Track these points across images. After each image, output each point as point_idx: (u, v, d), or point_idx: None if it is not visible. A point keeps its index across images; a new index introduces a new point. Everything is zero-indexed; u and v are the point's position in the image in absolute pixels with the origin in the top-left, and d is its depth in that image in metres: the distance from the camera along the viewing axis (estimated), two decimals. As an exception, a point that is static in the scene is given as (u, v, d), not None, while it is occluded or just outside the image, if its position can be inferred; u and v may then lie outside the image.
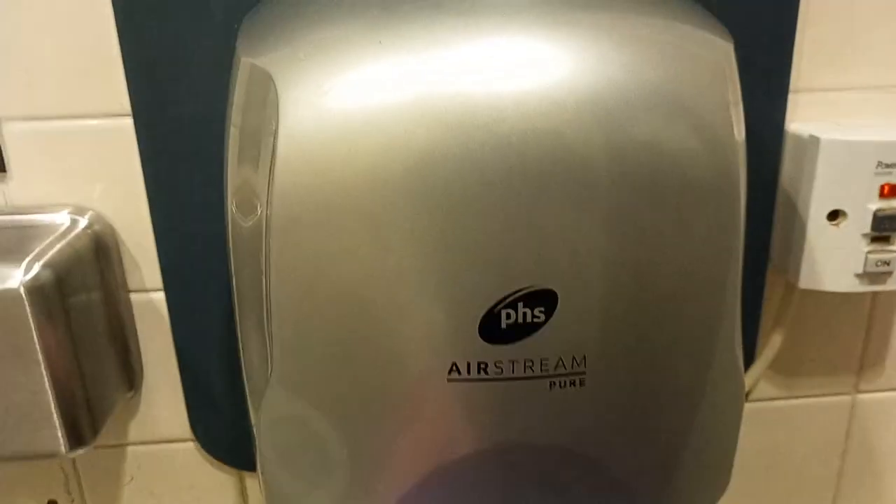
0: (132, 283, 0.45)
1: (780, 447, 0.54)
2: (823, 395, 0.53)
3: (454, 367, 0.31)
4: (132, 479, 0.50)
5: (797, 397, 0.52)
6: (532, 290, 0.30)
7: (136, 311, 0.46)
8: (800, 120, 0.46)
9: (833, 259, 0.45)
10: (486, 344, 0.30)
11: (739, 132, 0.33)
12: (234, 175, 0.33)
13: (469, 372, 0.31)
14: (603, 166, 0.30)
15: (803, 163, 0.45)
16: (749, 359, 0.50)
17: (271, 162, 0.30)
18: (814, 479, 0.55)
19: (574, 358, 0.31)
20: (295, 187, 0.29)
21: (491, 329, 0.30)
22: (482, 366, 0.31)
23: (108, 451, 0.49)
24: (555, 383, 0.32)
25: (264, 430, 0.34)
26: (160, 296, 0.45)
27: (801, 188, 0.45)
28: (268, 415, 0.33)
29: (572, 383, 0.32)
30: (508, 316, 0.30)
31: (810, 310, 0.50)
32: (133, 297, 0.45)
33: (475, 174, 0.29)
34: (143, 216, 0.44)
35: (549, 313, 0.30)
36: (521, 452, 0.33)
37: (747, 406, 0.52)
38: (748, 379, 0.50)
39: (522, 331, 0.30)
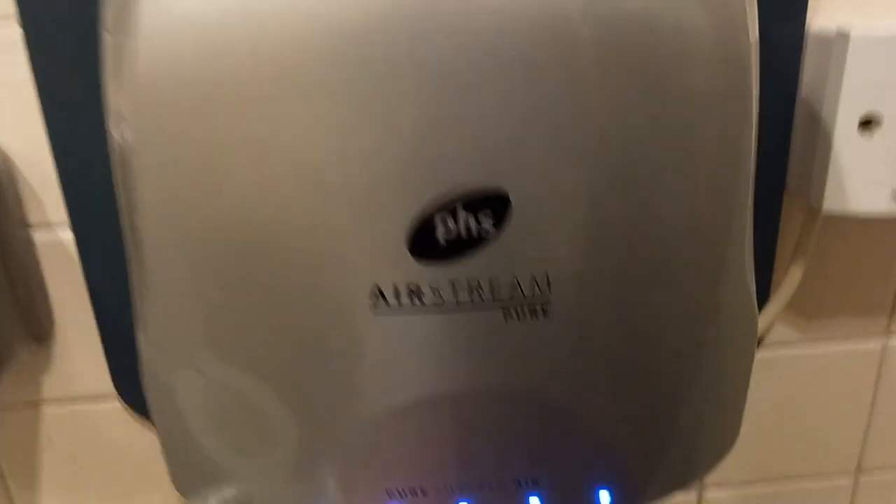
0: (33, 217, 0.38)
1: (800, 399, 0.47)
2: (850, 338, 0.45)
3: (379, 294, 0.24)
4: (50, 441, 0.44)
5: (819, 341, 0.45)
6: (477, 191, 0.23)
7: (40, 251, 0.39)
8: (823, 13, 0.39)
9: (863, 176, 0.37)
10: (418, 263, 0.23)
11: (753, 28, 0.25)
12: (110, 89, 0.26)
13: (399, 300, 0.24)
14: (577, 37, 0.23)
15: (829, 64, 0.37)
16: (763, 297, 0.42)
17: (131, 49, 0.22)
18: (837, 435, 0.48)
19: (534, 280, 0.24)
20: (161, 80, 0.22)
21: (424, 243, 0.23)
22: (415, 291, 0.24)
23: (20, 413, 0.43)
24: (511, 313, 0.25)
25: (154, 381, 0.27)
26: (67, 233, 0.38)
27: (825, 95, 0.38)
28: (155, 363, 0.27)
29: (533, 313, 0.25)
30: (446, 226, 0.23)
31: (835, 239, 0.42)
32: (36, 235, 0.39)
33: (404, 42, 0.22)
34: (41, 141, 0.37)
35: (499, 222, 0.23)
36: (474, 402, 0.27)
37: (761, 353, 0.45)
38: (762, 321, 0.43)
39: (465, 245, 0.23)
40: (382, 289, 0.24)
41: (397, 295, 0.24)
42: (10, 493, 0.45)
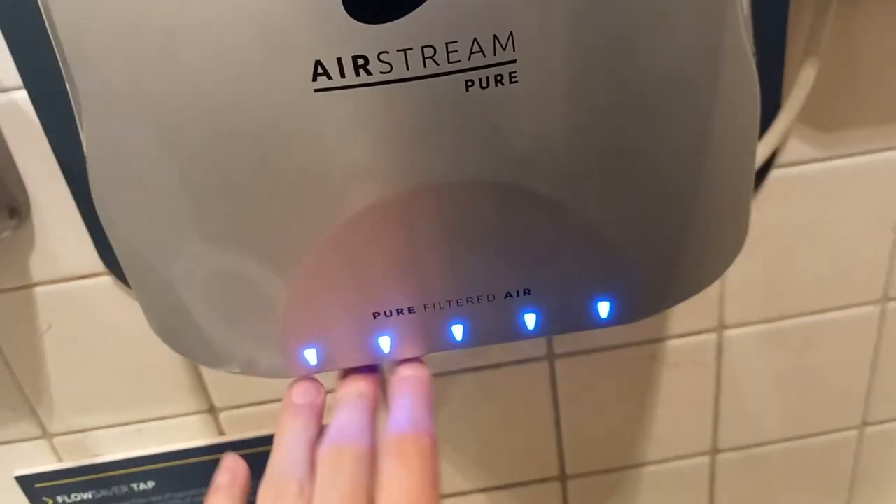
0: (-11, 87, 0.36)
1: (820, 224, 0.44)
2: (875, 150, 0.42)
3: (319, 69, 0.21)
4: (50, 326, 0.43)
5: (840, 157, 0.42)
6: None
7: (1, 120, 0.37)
8: None
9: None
10: (357, 24, 0.21)
11: None
12: None
13: (342, 73, 0.21)
14: None
15: None
16: (772, 107, 0.39)
17: None
18: (861, 261, 0.46)
19: (496, 38, 0.21)
20: None
21: (361, -1, 0.20)
22: (360, 62, 0.21)
23: (13, 296, 0.42)
24: (472, 82, 0.22)
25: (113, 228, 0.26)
26: (22, 94, 0.36)
27: None
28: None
29: (499, 80, 0.22)
30: (384, -28, 0.20)
31: (857, 29, 0.38)
32: (-6, 102, 0.37)
33: None
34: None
35: (445, -36, 0.20)
36: (443, 196, 0.24)
37: (774, 173, 0.42)
38: (772, 136, 0.39)
39: (409, -2, 0.20)
40: (324, 63, 0.21)
41: (341, 69, 0.21)
42: (17, 382, 0.45)
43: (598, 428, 0.51)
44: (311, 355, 0.28)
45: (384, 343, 0.28)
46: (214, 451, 0.49)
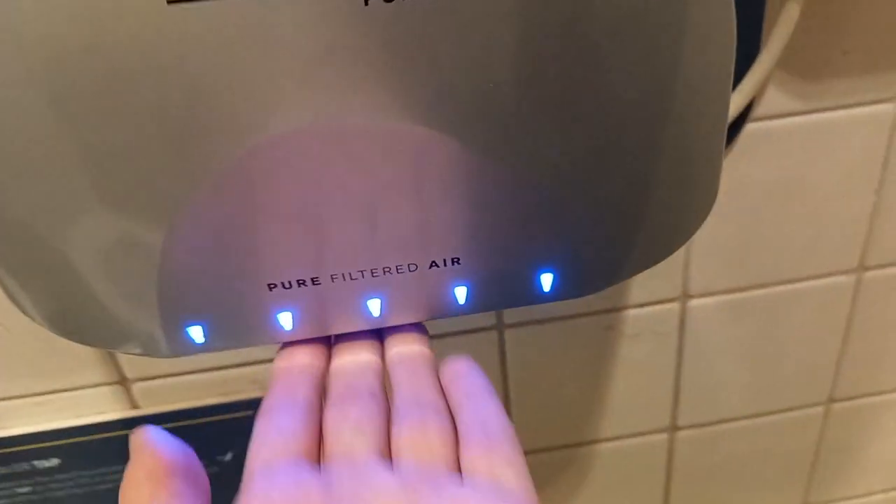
0: None
1: (795, 184, 0.40)
2: (859, 104, 0.38)
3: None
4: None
5: (823, 110, 0.38)
6: None
7: None
8: None
9: None
10: None
11: None
12: None
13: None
14: None
15: None
16: (750, 51, 0.35)
17: None
18: (842, 218, 0.42)
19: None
20: None
21: None
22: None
23: None
24: (374, -10, 0.17)
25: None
26: None
27: None
28: None
29: (407, -11, 0.17)
30: None
31: (843, -29, 0.34)
32: None
33: None
34: None
35: None
36: (336, 140, 0.19)
37: (750, 128, 0.38)
38: (749, 84, 0.35)
39: None
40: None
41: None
42: None
43: (550, 402, 0.47)
44: (196, 332, 0.24)
45: (285, 320, 0.24)
46: (127, 426, 0.44)
